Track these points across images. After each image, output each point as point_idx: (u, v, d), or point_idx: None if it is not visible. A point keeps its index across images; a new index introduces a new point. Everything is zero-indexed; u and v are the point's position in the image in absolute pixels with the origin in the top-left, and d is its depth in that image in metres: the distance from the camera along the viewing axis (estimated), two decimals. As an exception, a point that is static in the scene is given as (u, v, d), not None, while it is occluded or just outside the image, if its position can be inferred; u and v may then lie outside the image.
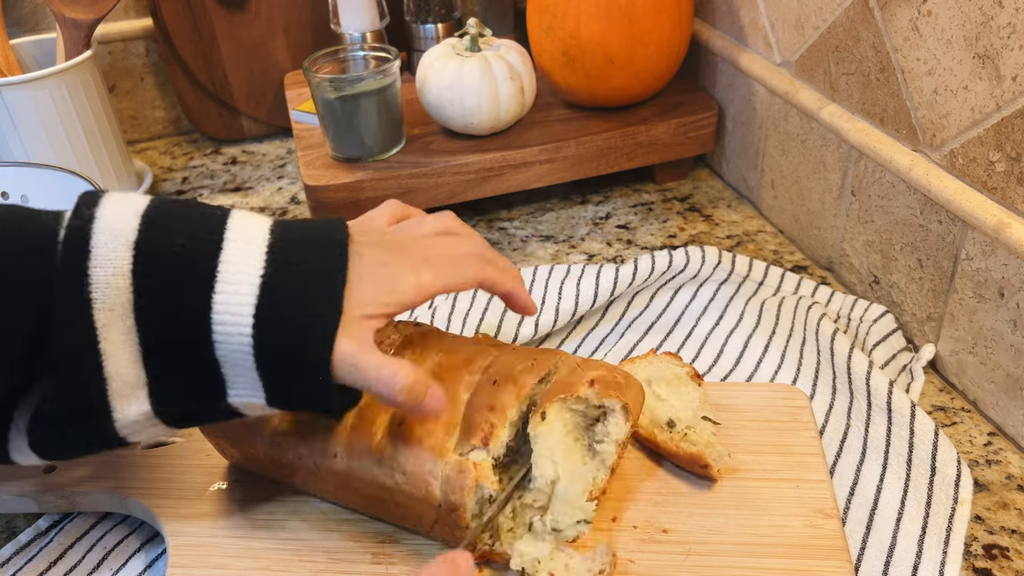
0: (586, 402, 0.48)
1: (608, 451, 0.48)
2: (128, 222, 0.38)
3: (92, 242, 0.38)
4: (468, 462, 0.44)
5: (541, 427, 0.47)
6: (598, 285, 0.69)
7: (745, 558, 0.47)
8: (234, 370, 0.40)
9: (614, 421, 0.48)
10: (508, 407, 0.46)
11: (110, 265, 0.37)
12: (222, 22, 0.98)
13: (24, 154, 0.83)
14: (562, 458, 0.47)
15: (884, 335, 0.66)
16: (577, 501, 0.46)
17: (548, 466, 0.46)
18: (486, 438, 0.45)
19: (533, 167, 0.82)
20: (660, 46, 0.80)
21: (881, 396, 0.57)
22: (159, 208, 0.40)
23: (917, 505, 0.51)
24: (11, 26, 0.98)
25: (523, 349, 0.52)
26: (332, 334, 0.40)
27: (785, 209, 0.81)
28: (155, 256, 0.38)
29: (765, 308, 0.67)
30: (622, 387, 0.49)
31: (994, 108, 0.54)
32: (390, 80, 0.78)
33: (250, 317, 0.38)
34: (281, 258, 0.40)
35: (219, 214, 0.41)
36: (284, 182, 0.97)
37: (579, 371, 0.49)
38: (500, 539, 0.46)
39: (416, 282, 0.43)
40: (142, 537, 0.53)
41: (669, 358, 0.58)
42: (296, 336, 0.39)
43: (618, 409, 0.48)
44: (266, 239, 0.40)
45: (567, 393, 0.47)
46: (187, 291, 0.38)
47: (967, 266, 0.59)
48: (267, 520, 0.51)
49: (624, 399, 0.48)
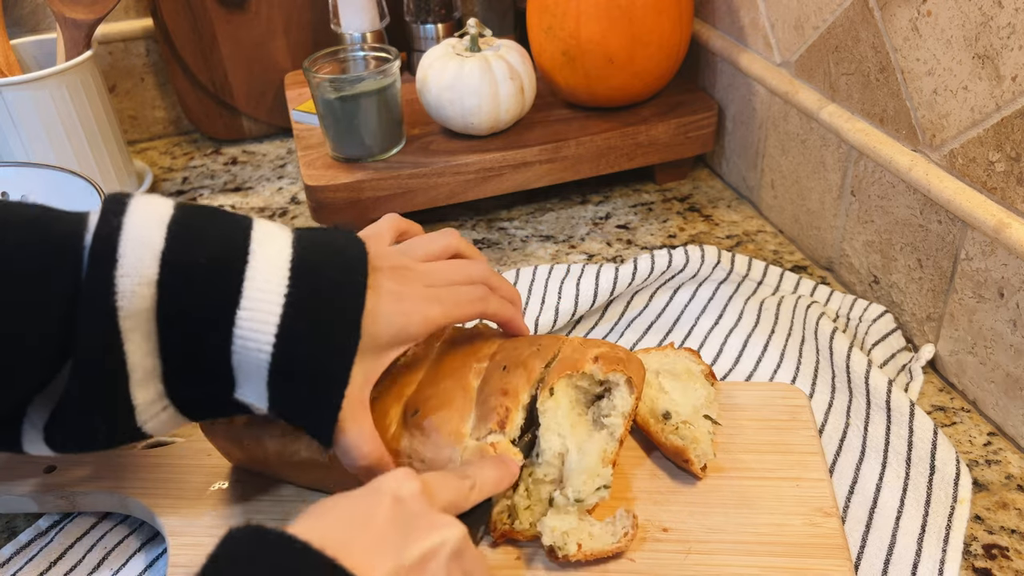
0: (591, 378, 0.49)
1: (616, 424, 0.49)
2: (155, 232, 0.39)
3: (119, 251, 0.38)
4: (487, 445, 0.46)
5: (549, 402, 0.48)
6: (598, 285, 0.69)
7: (745, 556, 0.47)
8: (246, 377, 0.41)
9: (620, 394, 0.49)
10: (521, 391, 0.47)
11: (136, 275, 0.38)
12: (222, 22, 0.98)
13: (24, 154, 0.83)
14: (569, 432, 0.48)
15: (883, 335, 0.66)
16: (595, 468, 0.47)
17: (555, 439, 0.48)
18: (502, 421, 0.46)
19: (533, 167, 0.82)
20: (660, 46, 0.80)
21: (880, 395, 0.57)
22: (185, 217, 0.40)
23: (916, 504, 0.51)
24: (11, 26, 0.98)
25: (524, 337, 0.53)
26: (346, 373, 0.41)
27: (785, 209, 0.81)
28: (181, 268, 0.39)
29: (764, 307, 0.67)
30: (624, 362, 0.50)
31: (994, 108, 0.54)
32: (390, 80, 0.78)
33: (272, 336, 0.40)
34: (305, 279, 0.41)
35: (244, 225, 0.42)
36: (284, 182, 0.97)
37: (582, 349, 0.50)
38: (519, 518, 0.47)
39: (425, 317, 0.45)
40: (142, 537, 0.53)
41: (688, 354, 0.58)
42: (310, 369, 0.41)
43: (623, 383, 0.49)
44: (289, 255, 0.41)
45: (572, 369, 0.49)
46: (212, 304, 0.39)
47: (967, 266, 0.59)
48: (267, 520, 0.50)
49: (628, 373, 0.49)
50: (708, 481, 0.52)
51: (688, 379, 0.56)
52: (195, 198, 0.95)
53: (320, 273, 0.41)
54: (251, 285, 0.40)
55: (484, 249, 0.82)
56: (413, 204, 0.81)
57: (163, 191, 0.97)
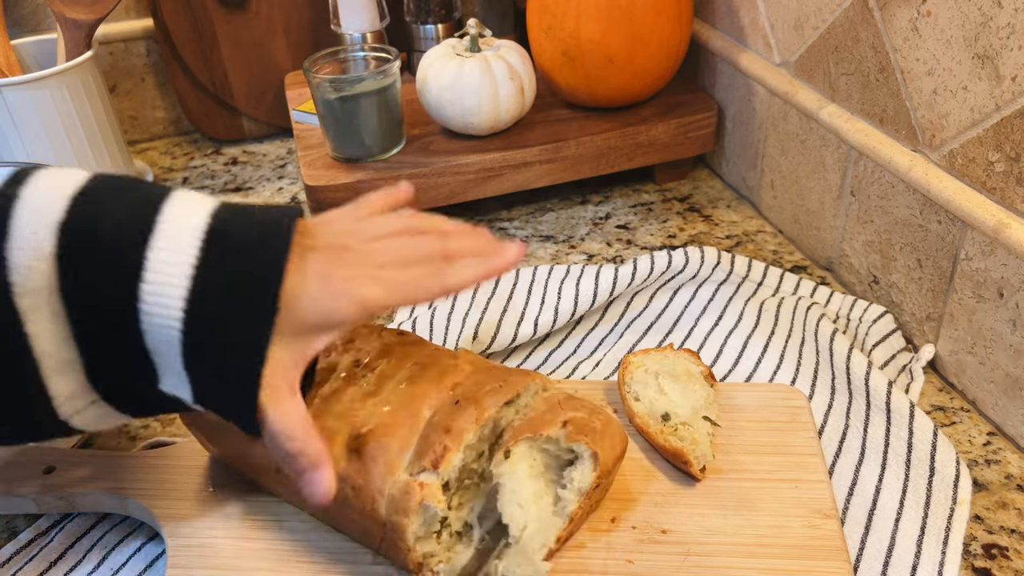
0: (556, 443, 0.46)
1: (568, 498, 0.45)
2: (55, 203, 0.36)
3: (12, 223, 0.35)
4: (415, 482, 0.43)
5: (504, 466, 0.45)
6: (597, 285, 0.69)
7: (744, 558, 0.47)
8: (164, 361, 0.38)
9: (580, 469, 0.46)
10: (465, 431, 0.44)
11: (31, 248, 0.35)
12: (222, 22, 0.98)
13: (25, 154, 0.83)
14: (531, 501, 0.45)
15: (883, 335, 0.66)
16: (533, 556, 0.44)
17: (517, 512, 0.44)
18: (437, 460, 0.43)
19: (533, 167, 0.82)
20: (660, 46, 0.80)
21: (880, 396, 0.57)
22: (96, 187, 0.37)
23: (916, 505, 0.51)
24: (12, 26, 0.98)
25: (499, 369, 0.50)
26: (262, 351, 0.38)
27: (785, 209, 0.81)
28: (80, 239, 0.36)
29: (764, 308, 0.67)
30: (596, 433, 0.46)
31: (993, 108, 0.54)
32: (390, 80, 0.78)
33: (180, 311, 0.36)
34: (217, 249, 0.37)
35: (158, 194, 0.38)
36: (285, 182, 0.97)
37: (558, 409, 0.47)
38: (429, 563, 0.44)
39: (360, 299, 0.41)
40: (142, 537, 0.53)
41: (687, 355, 0.58)
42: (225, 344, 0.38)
43: (587, 456, 0.46)
44: (204, 225, 0.38)
45: (536, 432, 0.45)
46: (113, 278, 0.36)
47: (966, 266, 0.59)
48: (267, 521, 0.51)
49: (595, 447, 0.45)
50: (707, 483, 0.52)
51: (687, 380, 0.56)
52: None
53: (235, 244, 0.38)
54: (155, 256, 0.36)
55: (484, 249, 0.82)
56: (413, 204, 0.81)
57: (163, 191, 0.97)
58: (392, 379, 0.49)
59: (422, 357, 0.50)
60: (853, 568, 0.48)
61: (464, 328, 0.67)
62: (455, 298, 0.70)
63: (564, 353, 0.67)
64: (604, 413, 0.49)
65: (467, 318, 0.67)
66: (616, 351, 0.66)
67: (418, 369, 0.49)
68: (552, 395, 0.49)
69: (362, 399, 0.48)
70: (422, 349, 0.51)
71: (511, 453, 0.45)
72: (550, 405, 0.48)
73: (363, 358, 0.50)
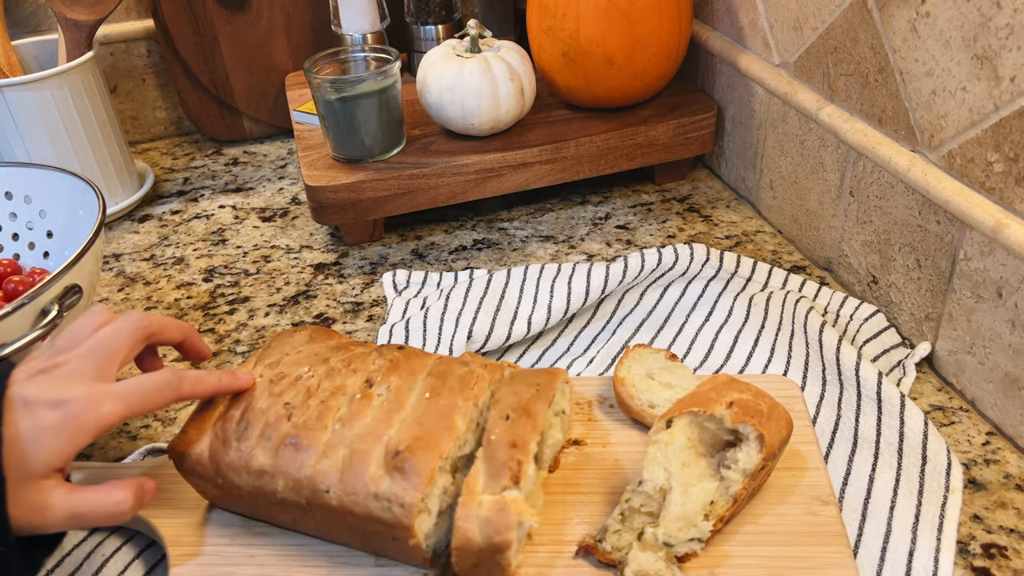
0: (720, 422, 0.47)
1: (733, 478, 0.46)
2: None
3: None
4: (506, 499, 0.44)
5: (663, 434, 0.47)
6: (589, 283, 0.69)
7: (747, 547, 0.47)
8: None
9: (746, 450, 0.47)
10: (528, 441, 0.46)
11: None
12: (223, 23, 0.98)
13: (25, 155, 0.83)
14: (678, 470, 0.46)
15: (875, 332, 0.66)
16: (693, 517, 0.45)
17: (659, 472, 0.46)
18: (516, 476, 0.45)
19: (533, 167, 0.82)
20: (660, 47, 0.81)
21: (871, 387, 0.58)
22: None
23: (909, 494, 0.52)
24: (13, 27, 0.98)
25: (520, 372, 0.51)
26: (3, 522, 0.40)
27: (784, 209, 0.81)
28: None
29: (754, 303, 0.68)
30: (763, 416, 0.47)
31: (992, 109, 0.54)
32: (391, 81, 0.78)
33: None
34: None
35: None
36: (285, 183, 0.97)
37: (724, 388, 0.49)
38: (607, 539, 0.46)
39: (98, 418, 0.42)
40: (140, 544, 0.53)
41: (644, 349, 0.59)
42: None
43: (752, 438, 0.47)
44: None
45: (701, 408, 0.47)
46: None
47: (965, 266, 0.59)
48: (267, 527, 0.50)
49: (761, 429, 0.46)
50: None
51: (675, 368, 0.58)
52: (196, 198, 0.95)
53: None
54: None
55: (484, 249, 0.82)
56: (413, 204, 0.81)
57: (164, 192, 0.97)
58: (411, 392, 0.49)
59: (432, 368, 0.51)
60: (852, 553, 0.48)
61: (458, 328, 0.67)
62: (447, 298, 0.70)
63: (558, 351, 0.68)
64: (769, 397, 0.49)
65: (460, 318, 0.68)
66: (609, 348, 0.66)
67: (435, 380, 0.50)
68: (718, 377, 0.50)
69: (387, 416, 0.48)
70: (426, 360, 0.52)
71: (672, 423, 0.47)
72: (715, 384, 0.49)
73: (374, 377, 0.50)
